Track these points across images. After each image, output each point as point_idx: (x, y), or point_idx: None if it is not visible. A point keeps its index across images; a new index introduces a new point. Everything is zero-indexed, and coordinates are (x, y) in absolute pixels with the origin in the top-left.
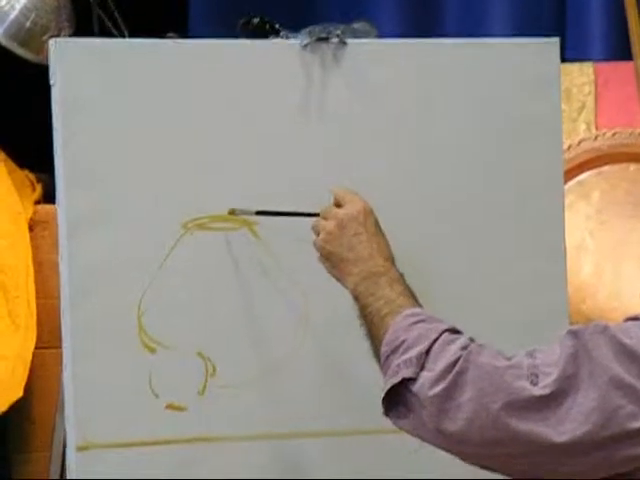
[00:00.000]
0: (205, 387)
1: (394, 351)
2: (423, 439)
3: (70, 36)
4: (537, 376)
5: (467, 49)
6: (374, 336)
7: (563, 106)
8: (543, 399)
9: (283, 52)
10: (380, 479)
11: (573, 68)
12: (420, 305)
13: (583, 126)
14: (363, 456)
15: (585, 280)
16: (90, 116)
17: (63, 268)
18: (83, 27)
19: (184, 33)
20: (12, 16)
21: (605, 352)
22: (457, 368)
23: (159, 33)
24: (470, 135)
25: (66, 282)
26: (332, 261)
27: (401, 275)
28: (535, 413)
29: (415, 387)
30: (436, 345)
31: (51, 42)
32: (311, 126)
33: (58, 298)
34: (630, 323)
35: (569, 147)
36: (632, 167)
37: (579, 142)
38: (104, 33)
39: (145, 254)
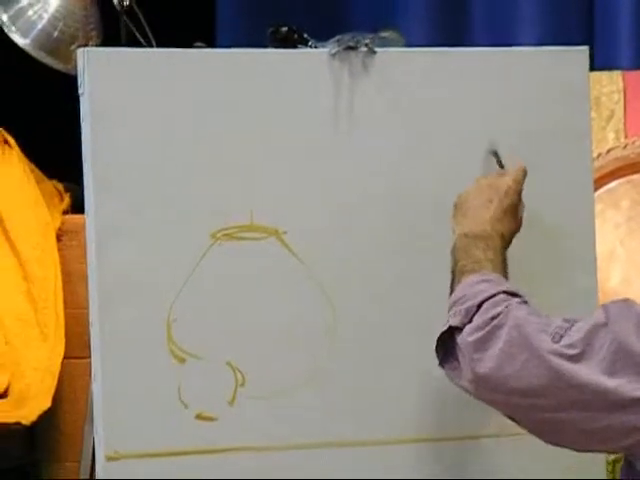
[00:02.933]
0: (235, 397)
1: (454, 303)
2: (465, 390)
3: (98, 45)
4: (562, 336)
5: (496, 58)
6: (452, 288)
7: (592, 114)
8: (559, 354)
9: (312, 61)
10: None
11: (602, 76)
12: (505, 276)
13: (612, 134)
14: (395, 466)
15: (614, 289)
16: (118, 126)
17: (92, 278)
18: (111, 37)
19: (212, 43)
20: (40, 25)
21: (627, 326)
22: (496, 321)
23: (187, 43)
24: (499, 144)
25: (95, 292)
26: (457, 210)
27: (503, 251)
28: (551, 364)
29: (459, 336)
30: (489, 302)
31: (79, 51)
32: (340, 135)
33: (86, 308)
34: None
35: (598, 155)
36: None
37: (608, 150)
38: (132, 43)
39: (174, 264)
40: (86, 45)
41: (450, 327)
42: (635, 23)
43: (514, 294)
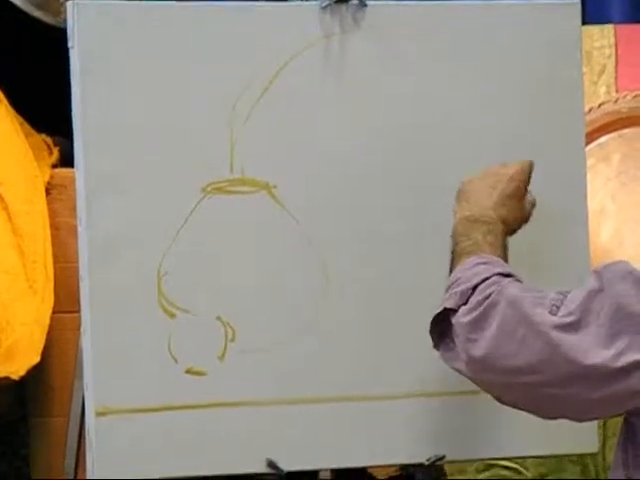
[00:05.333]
0: (225, 352)
1: (450, 286)
2: (459, 371)
3: None
4: (558, 308)
5: (487, 11)
6: (451, 269)
7: (584, 69)
8: (558, 327)
9: (302, 13)
10: (401, 444)
11: (593, 30)
12: (505, 260)
13: (603, 89)
14: (383, 421)
15: (605, 243)
16: (108, 79)
17: (82, 233)
18: None
19: None
20: None
21: (624, 287)
22: (489, 300)
23: None
24: (491, 98)
25: (85, 246)
26: (460, 195)
27: (504, 236)
28: (551, 338)
29: (454, 318)
30: (484, 284)
31: (69, 4)
32: (331, 87)
33: (75, 262)
34: None
35: (589, 110)
36: None
37: (599, 105)
38: None
39: (164, 218)
40: None
41: (445, 309)
42: None
43: (508, 275)
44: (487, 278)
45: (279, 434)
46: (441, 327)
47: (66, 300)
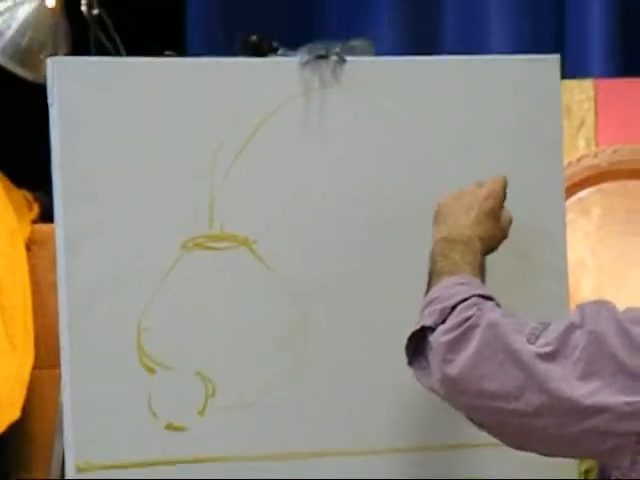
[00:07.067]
0: (205, 407)
1: (429, 304)
2: (433, 392)
3: (67, 54)
4: (537, 337)
5: (466, 66)
6: (428, 289)
7: (563, 123)
8: (536, 356)
9: (282, 70)
10: None
11: (572, 84)
12: (483, 280)
13: (583, 143)
14: (367, 476)
15: (585, 298)
16: (88, 135)
17: (61, 287)
18: (80, 46)
19: (182, 51)
20: (8, 35)
21: (606, 327)
22: (469, 322)
23: (157, 52)
24: (470, 152)
25: (64, 301)
26: (437, 217)
27: (482, 255)
28: (529, 366)
29: (432, 337)
30: (463, 304)
31: (49, 61)
32: (311, 143)
33: (56, 318)
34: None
35: (569, 164)
36: (631, 184)
37: (579, 159)
38: (101, 52)
39: (144, 274)
40: (55, 54)
41: (422, 327)
42: (606, 31)
43: (488, 298)
44: (466, 299)
45: None
46: (416, 344)
47: (46, 355)
